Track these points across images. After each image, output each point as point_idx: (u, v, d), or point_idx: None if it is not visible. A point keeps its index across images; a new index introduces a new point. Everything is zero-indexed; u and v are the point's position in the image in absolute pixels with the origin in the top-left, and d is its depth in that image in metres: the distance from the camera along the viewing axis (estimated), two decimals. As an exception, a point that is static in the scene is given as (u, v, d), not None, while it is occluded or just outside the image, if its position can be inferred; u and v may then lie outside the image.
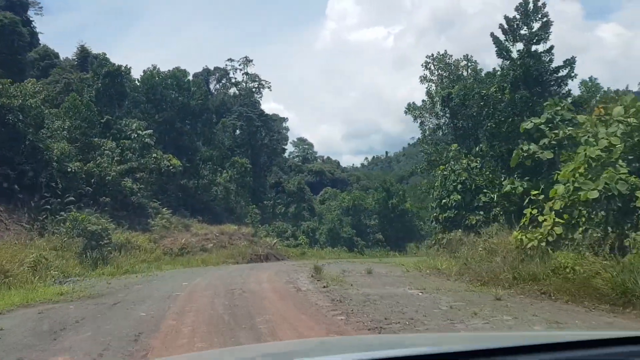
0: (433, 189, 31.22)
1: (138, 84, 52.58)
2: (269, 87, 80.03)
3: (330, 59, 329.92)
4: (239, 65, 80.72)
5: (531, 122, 19.99)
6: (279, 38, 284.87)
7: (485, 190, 28.68)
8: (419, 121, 36.78)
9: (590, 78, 35.23)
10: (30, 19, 74.79)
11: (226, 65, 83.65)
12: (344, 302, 12.26)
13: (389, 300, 12.48)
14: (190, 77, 55.36)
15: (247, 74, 79.98)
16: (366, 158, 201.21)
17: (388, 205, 69.83)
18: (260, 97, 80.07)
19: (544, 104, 20.84)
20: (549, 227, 16.01)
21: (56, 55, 67.35)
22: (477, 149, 29.42)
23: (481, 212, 28.47)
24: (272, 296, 14.01)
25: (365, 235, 67.93)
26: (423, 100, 37.07)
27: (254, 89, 79.32)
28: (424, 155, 36.06)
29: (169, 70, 52.96)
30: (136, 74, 54.42)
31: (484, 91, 27.06)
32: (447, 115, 33.61)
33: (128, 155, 43.22)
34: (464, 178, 28.97)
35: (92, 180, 40.26)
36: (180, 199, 49.43)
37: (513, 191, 19.35)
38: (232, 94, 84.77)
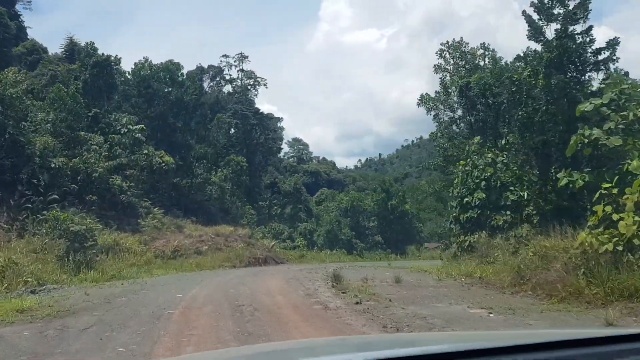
0: (453, 186, 27.76)
1: (129, 76, 48.77)
2: (264, 85, 76.42)
3: (323, 62, 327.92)
4: (234, 61, 76.95)
5: (590, 103, 16.57)
6: (271, 40, 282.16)
7: (512, 188, 25.29)
8: (432, 114, 33.36)
9: (615, 69, 31.80)
10: (19, 12, 71.19)
11: (221, 61, 79.87)
12: (402, 330, 8.72)
13: (461, 327, 8.97)
14: (184, 71, 51.64)
15: (242, 70, 76.27)
16: (359, 160, 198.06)
17: (387, 207, 66.32)
18: (256, 94, 76.31)
19: (606, 82, 17.55)
20: (634, 228, 12.57)
21: (45, 50, 63.44)
22: (504, 141, 25.98)
23: (508, 212, 25.05)
24: (294, 317, 10.47)
25: (363, 238, 64.38)
26: (437, 92, 33.67)
27: (249, 86, 75.60)
28: (439, 150, 32.55)
29: (161, 62, 49.25)
30: (127, 67, 50.72)
31: (516, 76, 23.60)
32: (466, 106, 30.11)
33: (117, 151, 39.48)
34: (489, 174, 25.55)
35: (79, 178, 36.58)
36: (172, 198, 45.75)
37: (571, 185, 15.97)
38: (226, 92, 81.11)
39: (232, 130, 69.12)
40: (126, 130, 41.39)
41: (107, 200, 37.37)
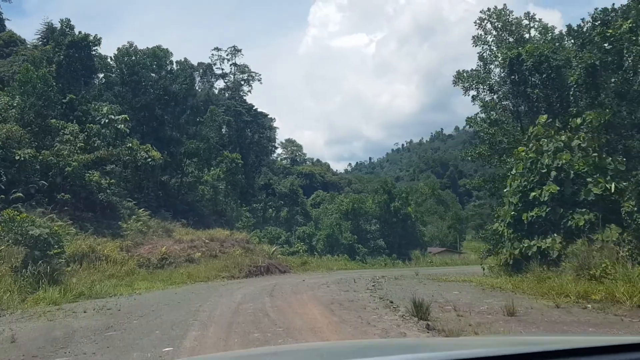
0: (510, 178, 21.50)
1: (111, 62, 41.92)
2: (259, 80, 69.55)
3: (312, 66, 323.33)
4: (227, 54, 69.99)
5: None
6: (259, 44, 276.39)
7: (589, 179, 19.11)
8: (470, 94, 26.98)
9: None
10: (-5, 4, 64.35)
11: (212, 54, 72.77)
12: None
13: None
14: (174, 59, 44.77)
15: (235, 64, 69.38)
16: (349, 164, 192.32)
17: (390, 209, 59.95)
18: (250, 90, 69.39)
19: None
20: None
21: (23, 42, 56.69)
22: (579, 120, 19.77)
23: (585, 209, 18.79)
24: None
25: (365, 242, 57.87)
26: (472, 70, 27.21)
27: (242, 82, 68.75)
28: (484, 136, 26.08)
29: (147, 47, 42.47)
30: (110, 55, 43.85)
31: (610, 31, 17.35)
32: (516, 82, 23.76)
33: (96, 142, 32.78)
34: (563, 162, 19.33)
35: (50, 173, 30.05)
36: (160, 199, 39.08)
37: None
38: (217, 90, 74.28)
39: (224, 129, 62.34)
40: (107, 120, 34.69)
41: (83, 200, 30.76)
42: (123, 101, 39.95)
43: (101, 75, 41.12)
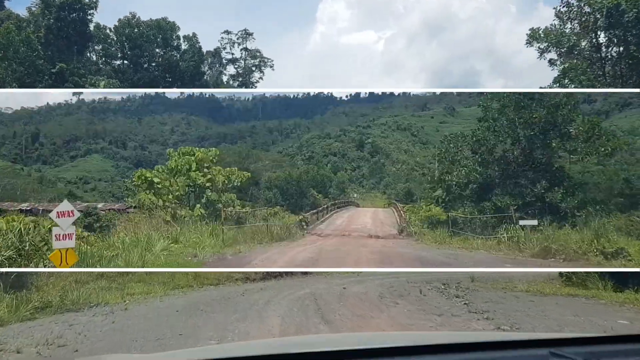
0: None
1: (110, 33, 36.10)
2: (271, 66, 63.50)
3: (318, 63, 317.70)
4: (237, 39, 63.90)
5: None
6: (264, 41, 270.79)
7: None
8: (546, 57, 21.16)
9: None
10: (-6, -17, 58.83)
11: (222, 38, 66.45)
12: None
13: None
14: (181, 34, 38.91)
15: (246, 49, 63.38)
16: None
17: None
18: (262, 76, 63.36)
19: None
20: None
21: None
22: None
23: None
24: None
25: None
26: (546, 28, 21.22)
27: (253, 67, 62.77)
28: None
29: (151, 19, 36.63)
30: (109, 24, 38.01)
31: None
32: (614, 36, 18.11)
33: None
34: None
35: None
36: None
37: None
38: (226, 78, 68.22)
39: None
40: (103, 96, 28.97)
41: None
42: (123, 77, 34.20)
43: (98, 47, 35.41)
